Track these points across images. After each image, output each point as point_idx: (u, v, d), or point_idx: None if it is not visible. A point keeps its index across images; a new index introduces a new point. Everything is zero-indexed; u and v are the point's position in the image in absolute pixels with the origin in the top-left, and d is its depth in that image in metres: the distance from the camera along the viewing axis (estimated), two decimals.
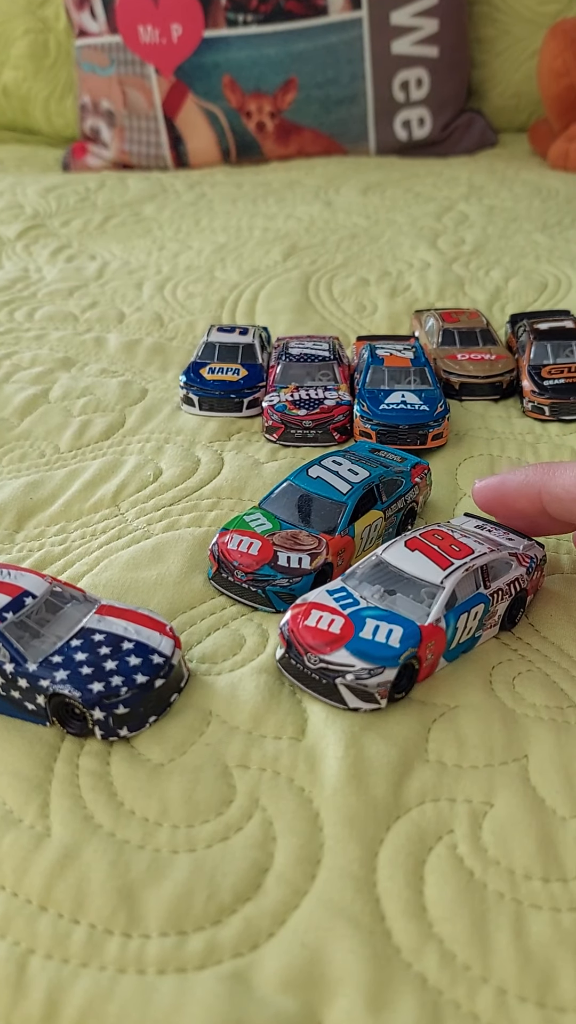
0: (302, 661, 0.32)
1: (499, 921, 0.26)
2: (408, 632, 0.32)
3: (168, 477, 0.46)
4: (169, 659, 0.32)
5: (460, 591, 0.34)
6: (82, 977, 0.25)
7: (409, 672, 0.32)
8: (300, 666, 0.33)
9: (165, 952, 0.25)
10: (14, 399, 0.55)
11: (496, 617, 0.35)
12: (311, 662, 0.32)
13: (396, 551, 0.35)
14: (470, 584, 0.34)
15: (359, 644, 0.32)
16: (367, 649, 0.32)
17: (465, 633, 0.34)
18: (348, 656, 0.32)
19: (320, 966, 0.25)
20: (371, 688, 0.31)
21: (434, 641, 0.33)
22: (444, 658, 0.34)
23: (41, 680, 0.31)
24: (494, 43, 1.27)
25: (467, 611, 0.34)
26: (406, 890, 0.27)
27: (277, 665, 0.34)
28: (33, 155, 1.32)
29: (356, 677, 0.31)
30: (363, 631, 0.32)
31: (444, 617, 0.33)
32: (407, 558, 0.35)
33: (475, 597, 0.34)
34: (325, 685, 0.32)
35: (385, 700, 0.32)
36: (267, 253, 0.82)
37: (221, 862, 0.27)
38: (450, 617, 0.33)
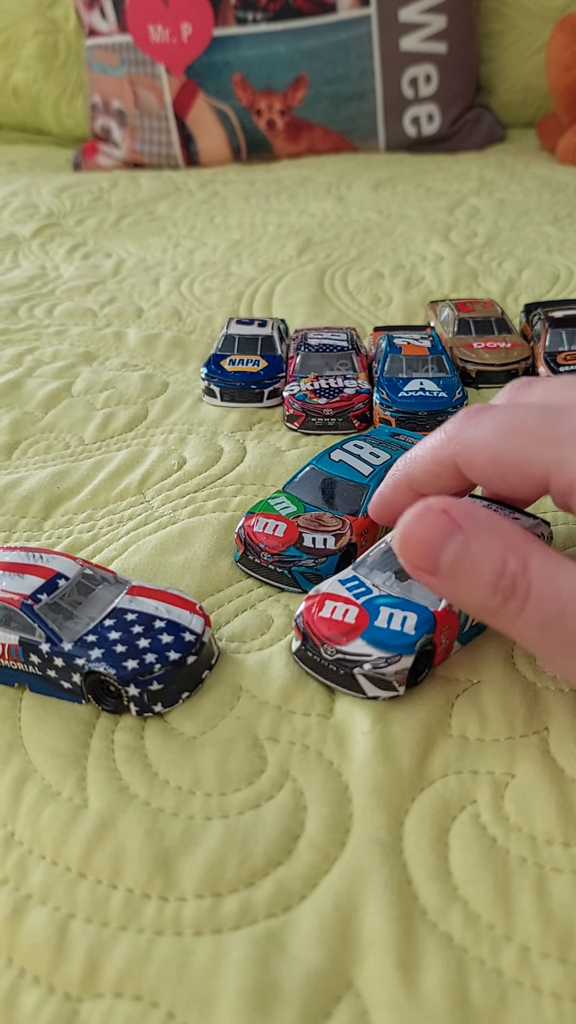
0: (319, 652, 0.33)
1: (522, 883, 0.26)
2: (422, 618, 0.33)
3: (192, 466, 0.47)
4: (200, 636, 0.33)
5: None
6: (121, 940, 0.26)
7: (425, 658, 0.33)
8: (317, 657, 0.33)
9: (201, 914, 0.26)
10: (38, 393, 0.56)
11: None
12: (328, 653, 0.32)
13: None
14: None
15: (375, 633, 0.32)
16: (383, 638, 0.32)
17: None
18: (365, 646, 0.32)
19: (351, 927, 0.26)
20: (389, 676, 0.32)
21: (448, 625, 0.33)
22: (458, 641, 0.34)
23: (76, 659, 0.32)
24: (502, 38, 1.28)
25: None
26: (431, 856, 0.27)
27: (293, 657, 0.34)
28: (44, 155, 1.33)
29: (373, 666, 0.32)
30: (378, 620, 0.33)
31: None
32: None
33: None
34: (343, 675, 0.32)
35: (403, 687, 0.32)
36: (282, 248, 0.83)
37: (253, 828, 0.28)
38: None
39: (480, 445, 0.30)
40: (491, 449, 0.30)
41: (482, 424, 0.31)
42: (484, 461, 0.30)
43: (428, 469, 0.33)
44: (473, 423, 0.31)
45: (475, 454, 0.30)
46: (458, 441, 0.31)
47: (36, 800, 0.29)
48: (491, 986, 0.24)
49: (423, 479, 0.33)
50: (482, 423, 0.31)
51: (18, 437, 0.51)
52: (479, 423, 0.31)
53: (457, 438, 0.31)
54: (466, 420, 0.31)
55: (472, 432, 0.31)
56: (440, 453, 0.32)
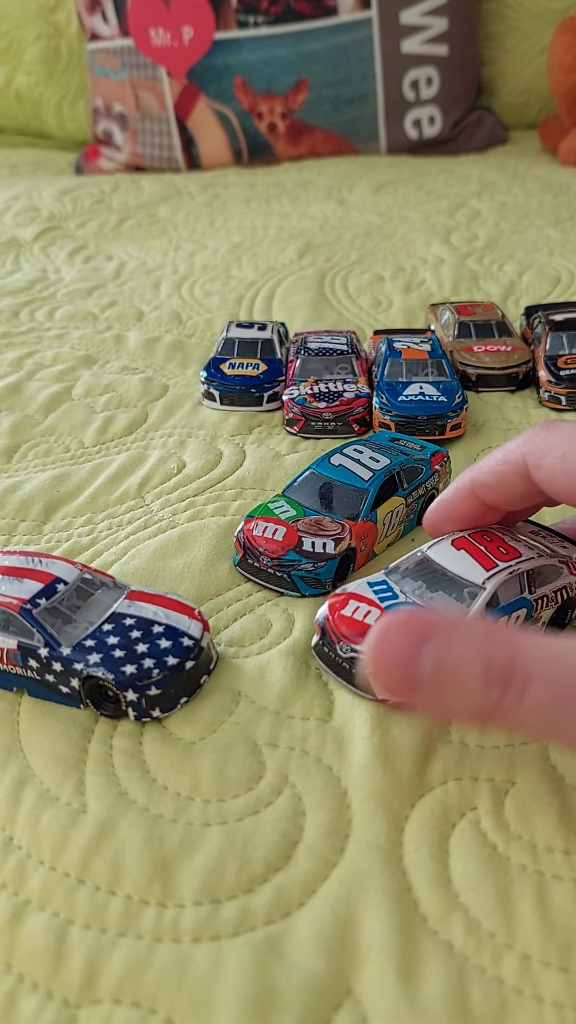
0: (334, 649, 0.33)
1: (522, 891, 0.26)
2: None
3: (191, 469, 0.47)
4: (198, 641, 0.33)
5: (503, 593, 0.33)
6: (120, 946, 0.25)
7: None
8: (332, 654, 0.33)
9: (200, 920, 0.26)
10: (38, 396, 0.56)
11: (540, 624, 0.35)
12: (342, 650, 0.33)
13: (442, 549, 0.35)
14: (514, 587, 0.34)
15: None
16: None
17: None
18: None
19: (350, 934, 0.26)
20: None
21: None
22: None
23: (75, 664, 0.32)
24: (503, 40, 1.28)
25: (508, 614, 0.33)
26: (432, 863, 0.27)
27: (312, 652, 0.34)
28: (46, 159, 1.33)
29: None
30: None
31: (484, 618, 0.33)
32: (452, 557, 0.34)
33: (518, 601, 0.34)
34: (355, 675, 0.32)
35: None
36: (282, 251, 0.83)
37: (252, 835, 0.28)
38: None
39: (554, 444, 0.31)
40: (564, 448, 0.31)
41: (556, 429, 0.32)
42: (555, 458, 0.31)
43: (496, 469, 0.33)
44: (549, 428, 0.32)
45: (547, 451, 0.31)
46: (532, 441, 0.32)
47: (35, 804, 0.29)
48: (492, 994, 0.24)
49: (489, 481, 0.33)
50: (556, 428, 0.32)
51: (18, 440, 0.51)
52: (553, 429, 0.32)
53: (531, 439, 0.32)
54: (541, 427, 0.32)
55: (547, 436, 0.32)
56: (511, 453, 0.32)
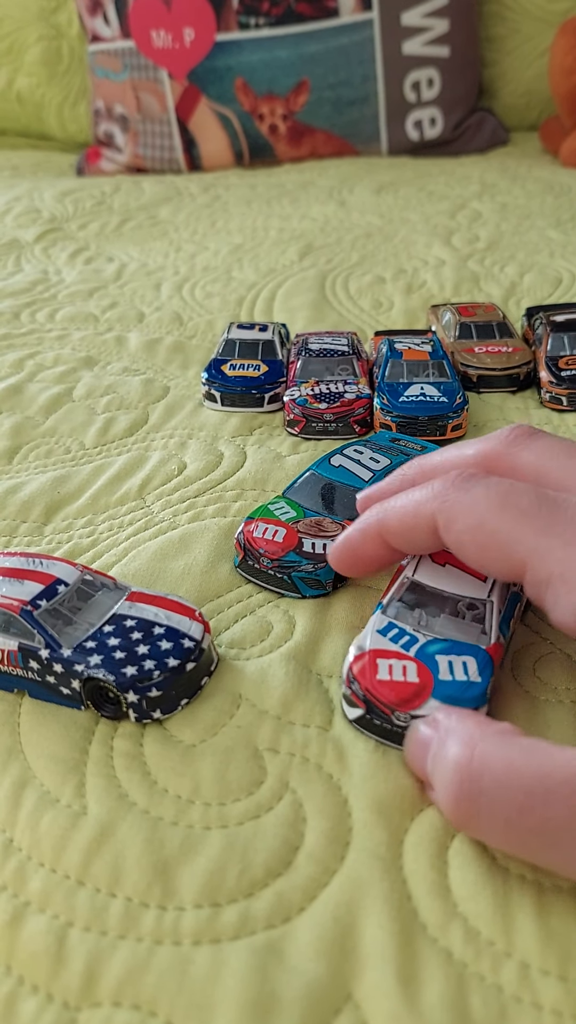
0: (389, 720, 0.30)
1: (521, 901, 0.26)
2: (482, 660, 0.31)
3: (192, 471, 0.47)
4: (199, 643, 0.33)
5: (501, 599, 0.33)
6: (120, 949, 0.25)
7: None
8: (388, 725, 0.30)
9: (200, 924, 0.26)
10: (39, 398, 0.56)
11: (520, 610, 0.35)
12: (400, 719, 0.30)
13: (427, 569, 0.34)
14: (504, 587, 0.34)
15: (444, 688, 0.30)
16: (454, 692, 0.30)
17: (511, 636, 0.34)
18: (437, 703, 0.30)
19: (351, 939, 0.25)
20: None
21: (499, 658, 0.32)
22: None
23: (75, 665, 0.32)
24: (504, 42, 1.28)
25: (512, 616, 0.33)
26: (431, 872, 0.27)
27: (353, 725, 0.32)
28: (47, 160, 1.33)
29: None
30: (440, 672, 0.31)
31: (500, 631, 0.32)
32: (440, 574, 0.34)
33: (513, 598, 0.34)
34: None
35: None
36: (283, 253, 0.83)
37: (253, 839, 0.28)
38: (504, 628, 0.33)
39: (467, 510, 0.30)
40: (476, 517, 0.29)
41: (473, 490, 0.30)
42: (466, 527, 0.30)
43: (405, 521, 0.32)
44: (464, 487, 0.30)
45: (459, 517, 0.30)
46: (444, 499, 0.30)
47: (35, 806, 0.29)
48: (491, 1002, 0.24)
49: (397, 530, 0.32)
50: (473, 489, 0.30)
51: (19, 442, 0.51)
52: (470, 488, 0.30)
53: (444, 496, 0.30)
54: (458, 482, 0.31)
55: (461, 496, 0.30)
56: (423, 507, 0.31)
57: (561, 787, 0.23)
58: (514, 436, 0.33)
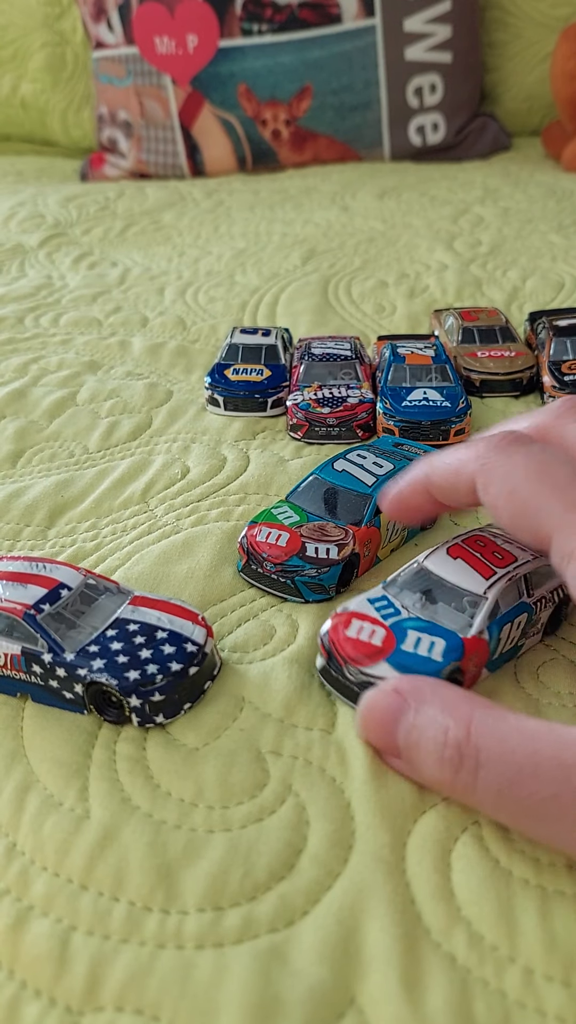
0: (342, 672, 0.32)
1: (525, 905, 0.26)
2: (451, 645, 0.32)
3: (195, 475, 0.47)
4: (202, 647, 0.33)
5: (503, 601, 0.33)
6: (123, 952, 0.25)
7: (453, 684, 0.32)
8: (340, 677, 0.32)
9: (203, 927, 0.26)
10: (43, 402, 0.56)
11: (539, 624, 0.35)
12: (351, 674, 0.32)
13: (438, 559, 0.35)
14: (513, 593, 0.33)
15: (401, 657, 0.31)
16: (409, 663, 0.31)
17: (508, 643, 0.34)
18: (389, 669, 0.31)
19: (354, 943, 0.25)
20: None
21: (477, 653, 0.32)
22: (487, 668, 0.33)
23: (78, 669, 0.32)
24: (506, 47, 1.28)
25: (510, 621, 0.33)
26: (434, 875, 0.27)
27: (317, 675, 0.34)
28: (51, 166, 1.34)
29: None
30: (405, 643, 0.32)
31: (487, 628, 0.32)
32: (449, 566, 0.34)
33: (518, 607, 0.33)
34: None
35: None
36: (286, 257, 0.83)
37: (256, 842, 0.28)
38: (493, 628, 0.33)
39: (504, 474, 0.30)
40: (511, 483, 0.30)
41: (514, 456, 0.30)
42: (501, 491, 0.30)
43: (448, 478, 0.33)
44: (506, 451, 0.31)
45: (495, 480, 0.30)
46: (484, 461, 0.31)
47: (38, 810, 0.29)
48: (495, 1008, 0.24)
49: (441, 485, 0.33)
50: (514, 455, 0.30)
51: (23, 446, 0.51)
52: (511, 454, 0.31)
53: (485, 458, 0.31)
54: (501, 445, 0.31)
55: (501, 459, 0.31)
56: (464, 467, 0.32)
57: (548, 764, 0.25)
58: (566, 408, 0.34)
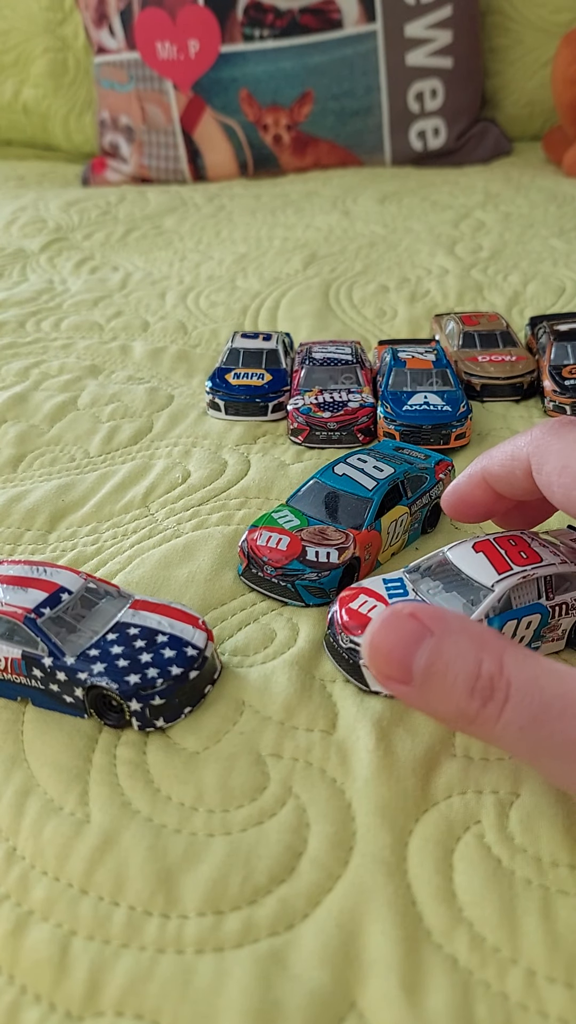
0: (337, 640, 0.34)
1: (527, 906, 0.26)
2: None
3: (196, 479, 0.47)
4: (202, 651, 0.33)
5: (515, 598, 0.33)
6: (123, 957, 0.25)
7: None
8: (336, 645, 0.34)
9: (203, 932, 0.26)
10: (44, 406, 0.56)
11: (559, 631, 0.35)
12: (343, 641, 0.33)
13: (461, 551, 0.35)
14: (529, 593, 0.34)
15: None
16: None
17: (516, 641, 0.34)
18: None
19: (354, 947, 0.25)
20: None
21: None
22: None
23: (79, 673, 0.32)
24: (507, 53, 1.28)
25: (518, 619, 0.33)
26: (436, 876, 0.27)
27: (324, 644, 0.35)
28: (53, 171, 1.34)
29: None
30: None
31: (488, 620, 0.33)
32: (469, 559, 0.35)
33: (532, 606, 0.33)
34: (352, 665, 0.33)
35: None
36: (287, 262, 0.83)
37: (256, 845, 0.28)
38: (495, 621, 0.33)
39: (557, 452, 0.31)
40: (564, 460, 0.31)
41: (567, 436, 0.32)
42: (553, 468, 0.31)
43: (504, 463, 0.34)
44: (560, 432, 0.32)
45: (549, 459, 0.32)
46: (539, 443, 0.32)
47: (38, 815, 0.29)
48: (497, 1010, 0.24)
49: (499, 473, 0.34)
50: (568, 435, 0.32)
51: (24, 450, 0.51)
52: (565, 435, 0.32)
53: (539, 440, 0.32)
54: (555, 427, 0.32)
55: (554, 440, 0.32)
56: (520, 451, 0.33)
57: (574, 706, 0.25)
58: None
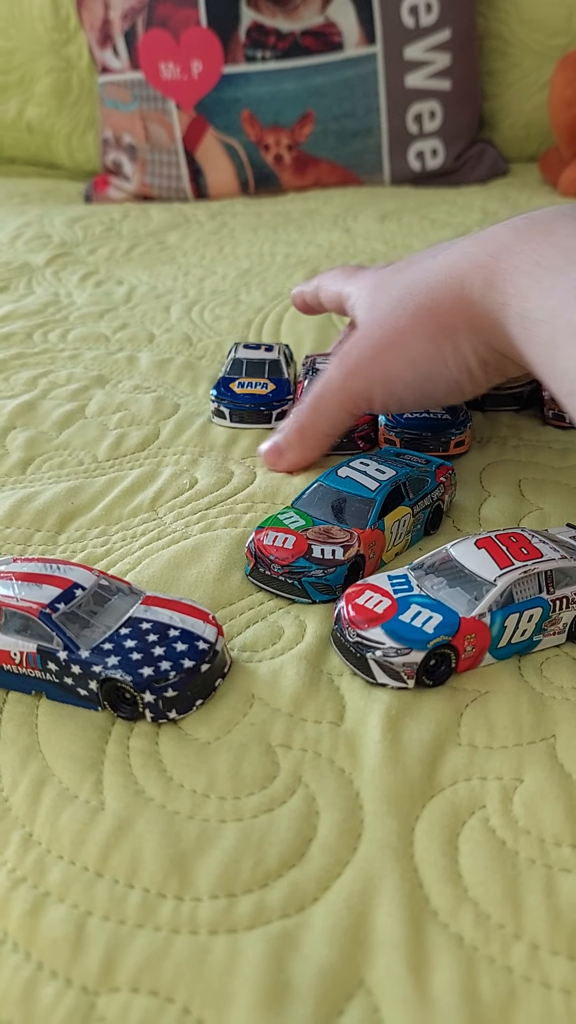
0: (344, 635, 0.35)
1: (531, 884, 0.27)
2: (446, 621, 0.34)
3: (203, 485, 0.48)
4: (213, 645, 0.34)
5: (517, 592, 0.35)
6: (138, 937, 0.26)
7: (444, 660, 0.34)
8: (343, 639, 0.35)
9: (216, 914, 0.27)
10: (52, 414, 0.57)
11: (560, 624, 0.36)
12: (350, 635, 0.34)
13: (464, 547, 0.37)
14: (531, 587, 0.35)
15: (394, 625, 0.34)
16: (400, 630, 0.34)
17: (518, 634, 0.35)
18: (381, 634, 0.34)
19: (363, 928, 0.26)
20: (397, 667, 0.33)
21: (475, 635, 0.34)
22: (492, 655, 0.35)
23: (93, 666, 0.32)
24: (505, 76, 1.31)
25: (519, 612, 0.34)
26: (442, 859, 0.28)
27: (331, 639, 0.36)
28: (56, 188, 1.36)
29: (384, 654, 0.33)
30: (403, 614, 0.34)
31: (491, 614, 0.34)
32: (472, 555, 0.36)
33: (533, 600, 0.35)
34: (359, 658, 0.34)
35: (412, 681, 0.33)
36: (290, 277, 0.85)
37: (267, 831, 0.29)
38: (497, 615, 0.34)
39: (331, 279, 0.54)
40: (327, 277, 0.55)
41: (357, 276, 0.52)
42: (329, 291, 0.54)
43: (330, 300, 0.54)
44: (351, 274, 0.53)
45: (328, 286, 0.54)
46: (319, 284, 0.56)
47: (55, 802, 0.30)
48: (501, 983, 0.25)
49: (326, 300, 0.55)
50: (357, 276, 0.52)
51: (33, 453, 0.52)
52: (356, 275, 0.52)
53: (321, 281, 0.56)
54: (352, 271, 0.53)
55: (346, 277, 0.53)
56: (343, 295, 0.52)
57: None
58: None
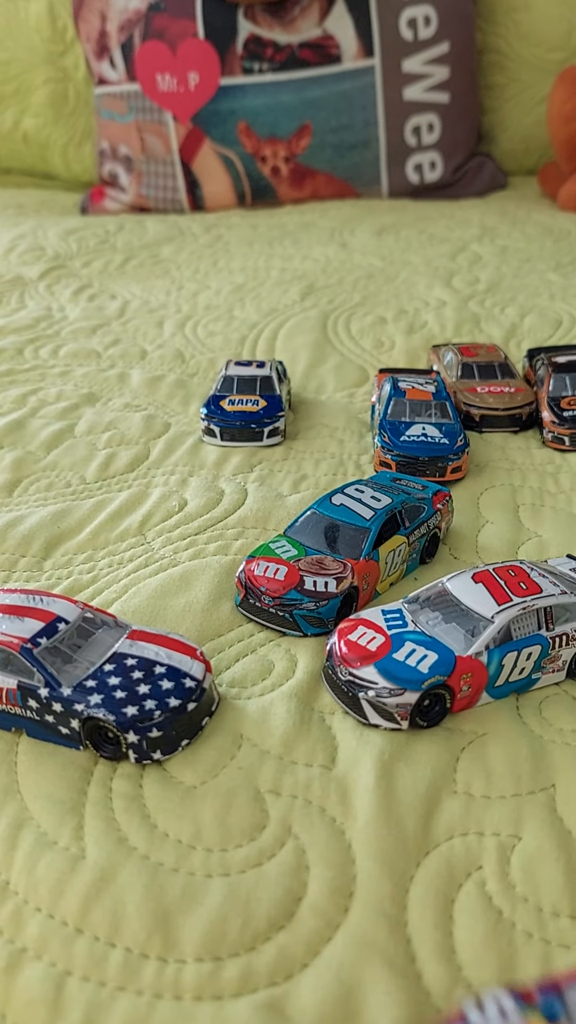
0: (336, 673, 0.33)
1: (527, 963, 0.26)
2: (441, 659, 0.32)
3: (193, 507, 0.47)
4: (201, 683, 0.32)
5: (515, 629, 0.33)
6: (120, 1000, 0.25)
7: (439, 700, 0.32)
8: (335, 677, 0.33)
9: (201, 978, 0.25)
10: (40, 433, 0.56)
11: (560, 662, 0.35)
12: (341, 673, 0.33)
13: (461, 582, 0.35)
14: (529, 624, 0.34)
15: (388, 664, 0.32)
16: (394, 670, 0.32)
17: (516, 672, 0.34)
18: (374, 673, 0.32)
19: (354, 1003, 0.25)
20: (390, 708, 0.32)
21: (471, 673, 0.32)
22: (488, 694, 0.33)
23: (75, 704, 0.31)
24: (503, 90, 1.30)
25: (518, 650, 0.33)
26: (436, 932, 0.26)
27: (322, 675, 0.35)
28: (52, 199, 1.35)
29: (377, 695, 0.32)
30: (397, 652, 0.33)
31: (488, 652, 0.33)
32: (469, 590, 0.35)
33: (532, 637, 0.34)
34: (351, 698, 0.33)
35: (406, 722, 0.32)
36: (285, 293, 0.84)
37: (255, 888, 0.27)
38: (495, 653, 0.33)
39: None
40: None
41: None
42: None
43: None
44: None
45: None
46: None
47: (32, 848, 0.29)
48: None
49: None
50: None
51: (20, 475, 0.51)
52: None
53: None
54: None
55: None
56: None
57: None
58: None
